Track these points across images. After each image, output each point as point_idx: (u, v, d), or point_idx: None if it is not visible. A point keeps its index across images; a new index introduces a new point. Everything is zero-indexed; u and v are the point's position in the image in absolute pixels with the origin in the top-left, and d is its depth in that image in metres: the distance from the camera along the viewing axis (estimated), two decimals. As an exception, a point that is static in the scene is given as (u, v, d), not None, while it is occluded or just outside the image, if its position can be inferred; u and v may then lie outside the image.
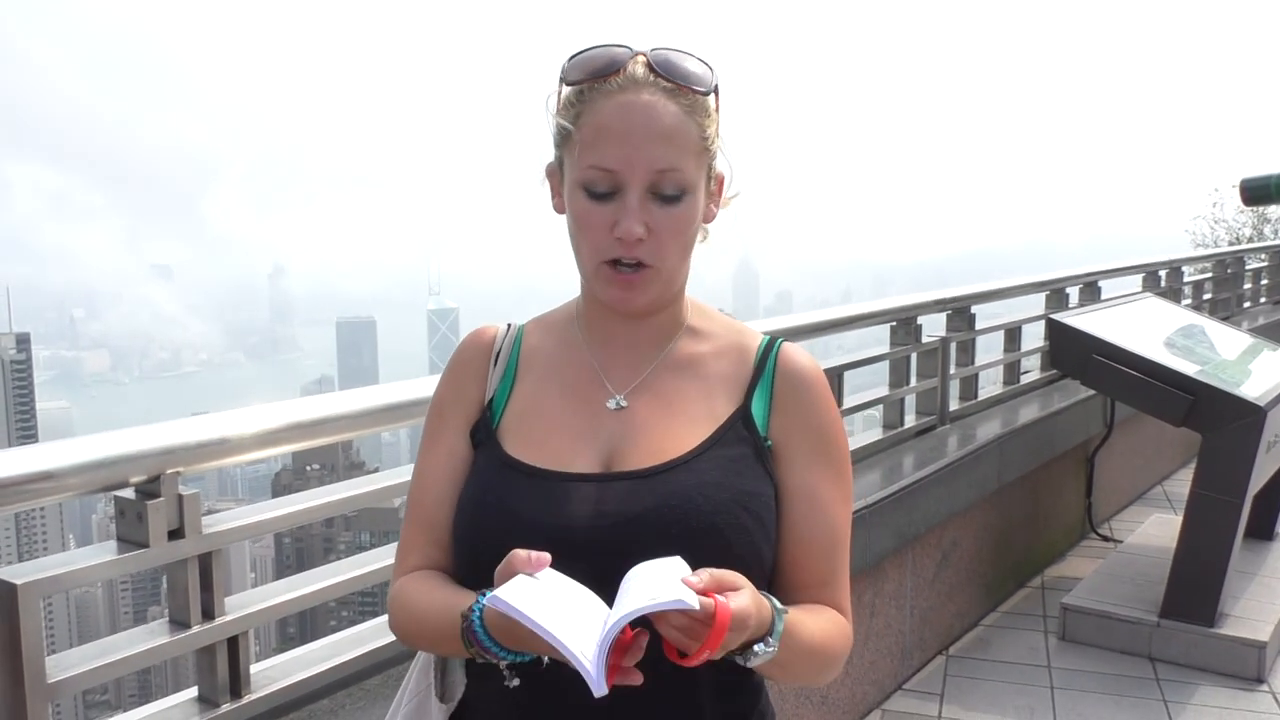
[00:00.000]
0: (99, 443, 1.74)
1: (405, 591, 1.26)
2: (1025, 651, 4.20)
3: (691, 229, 1.23)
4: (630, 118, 1.18)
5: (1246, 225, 17.33)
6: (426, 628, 1.19)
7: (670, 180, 1.18)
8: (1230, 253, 9.28)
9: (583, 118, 1.20)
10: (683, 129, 1.19)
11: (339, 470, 72.38)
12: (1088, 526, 5.60)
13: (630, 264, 1.20)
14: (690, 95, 1.20)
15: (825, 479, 1.26)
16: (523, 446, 1.24)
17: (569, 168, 1.22)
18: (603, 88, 1.19)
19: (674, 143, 1.18)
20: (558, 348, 1.33)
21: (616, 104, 1.18)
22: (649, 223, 1.18)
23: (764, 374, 1.29)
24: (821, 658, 1.21)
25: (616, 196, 1.18)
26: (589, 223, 1.20)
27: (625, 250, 1.19)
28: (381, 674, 2.13)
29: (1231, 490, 4.01)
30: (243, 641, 1.92)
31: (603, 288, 1.23)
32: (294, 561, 79.78)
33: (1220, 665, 3.95)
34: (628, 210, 1.17)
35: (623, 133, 1.17)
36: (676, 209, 1.20)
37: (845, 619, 1.27)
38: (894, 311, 4.29)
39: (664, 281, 1.23)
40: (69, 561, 1.71)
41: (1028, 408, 5.08)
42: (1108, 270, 6.52)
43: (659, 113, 1.18)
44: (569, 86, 1.22)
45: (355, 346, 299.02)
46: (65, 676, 1.67)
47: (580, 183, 1.20)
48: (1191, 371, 4.22)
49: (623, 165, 1.17)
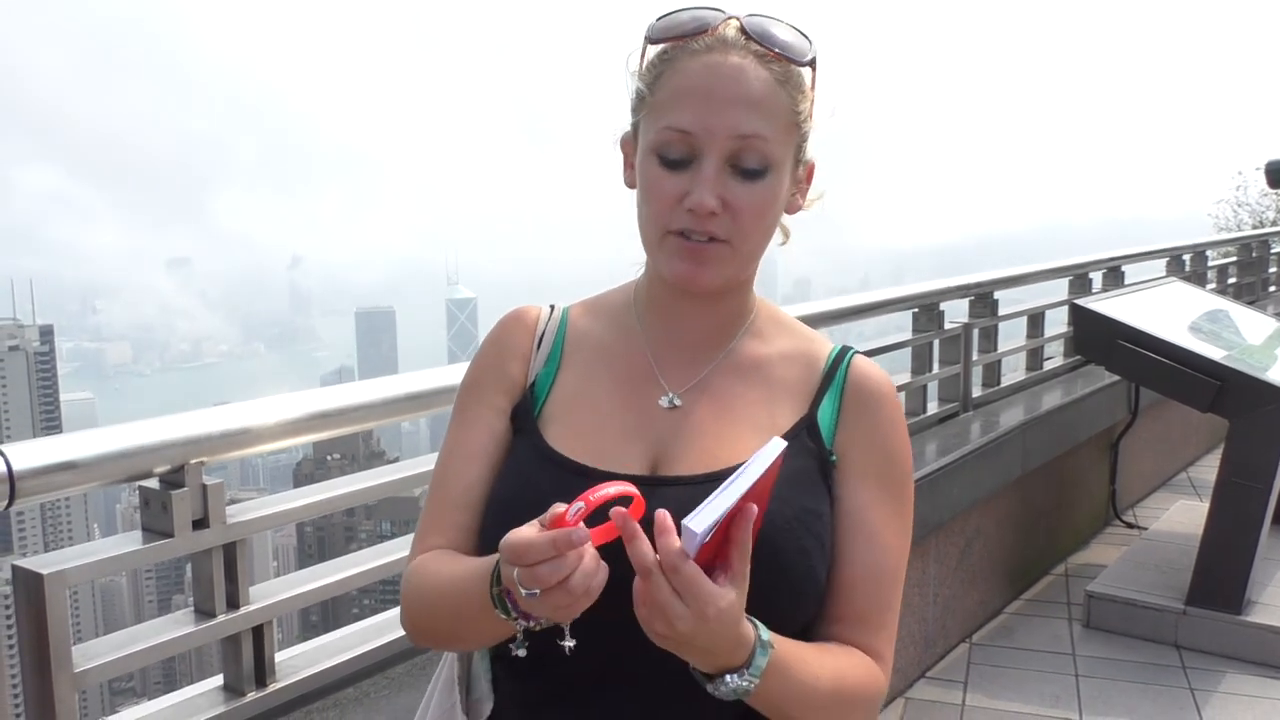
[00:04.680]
0: (123, 433, 1.75)
1: (424, 565, 1.14)
2: (1049, 639, 4.17)
3: (772, 212, 1.10)
4: (714, 78, 1.06)
5: (1270, 208, 17.13)
6: (447, 596, 1.07)
7: (753, 150, 1.06)
8: (1255, 236, 9.19)
9: (662, 79, 1.09)
10: (772, 97, 1.07)
11: (360, 459, 72.82)
12: (1112, 513, 5.55)
13: (700, 238, 1.07)
14: (784, 64, 1.08)
15: (884, 505, 1.14)
16: (566, 439, 1.14)
17: (644, 133, 1.11)
18: (688, 47, 1.08)
19: (761, 110, 1.06)
20: (609, 334, 1.21)
21: (701, 64, 1.07)
22: (725, 198, 1.06)
23: (833, 383, 1.18)
24: (828, 707, 1.05)
25: (692, 165, 1.06)
26: (658, 191, 1.08)
27: (695, 224, 1.06)
28: (407, 662, 2.14)
29: (1259, 476, 3.96)
30: (267, 630, 1.93)
31: (667, 260, 1.10)
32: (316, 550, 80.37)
33: (1247, 653, 3.91)
34: (702, 179, 1.05)
35: (705, 93, 1.06)
36: (758, 186, 1.07)
37: (877, 664, 1.11)
38: (916, 298, 4.27)
39: (738, 262, 1.10)
40: (95, 551, 1.72)
41: (1051, 394, 5.04)
42: (1131, 255, 6.47)
43: (747, 76, 1.06)
44: (652, 46, 1.11)
45: (374, 337, 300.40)
46: (92, 665, 1.68)
47: (653, 147, 1.08)
48: (1218, 356, 4.17)
49: (700, 128, 1.05)
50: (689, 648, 0.93)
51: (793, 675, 1.01)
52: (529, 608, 0.93)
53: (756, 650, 0.96)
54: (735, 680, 0.96)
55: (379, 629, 2.15)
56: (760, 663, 0.96)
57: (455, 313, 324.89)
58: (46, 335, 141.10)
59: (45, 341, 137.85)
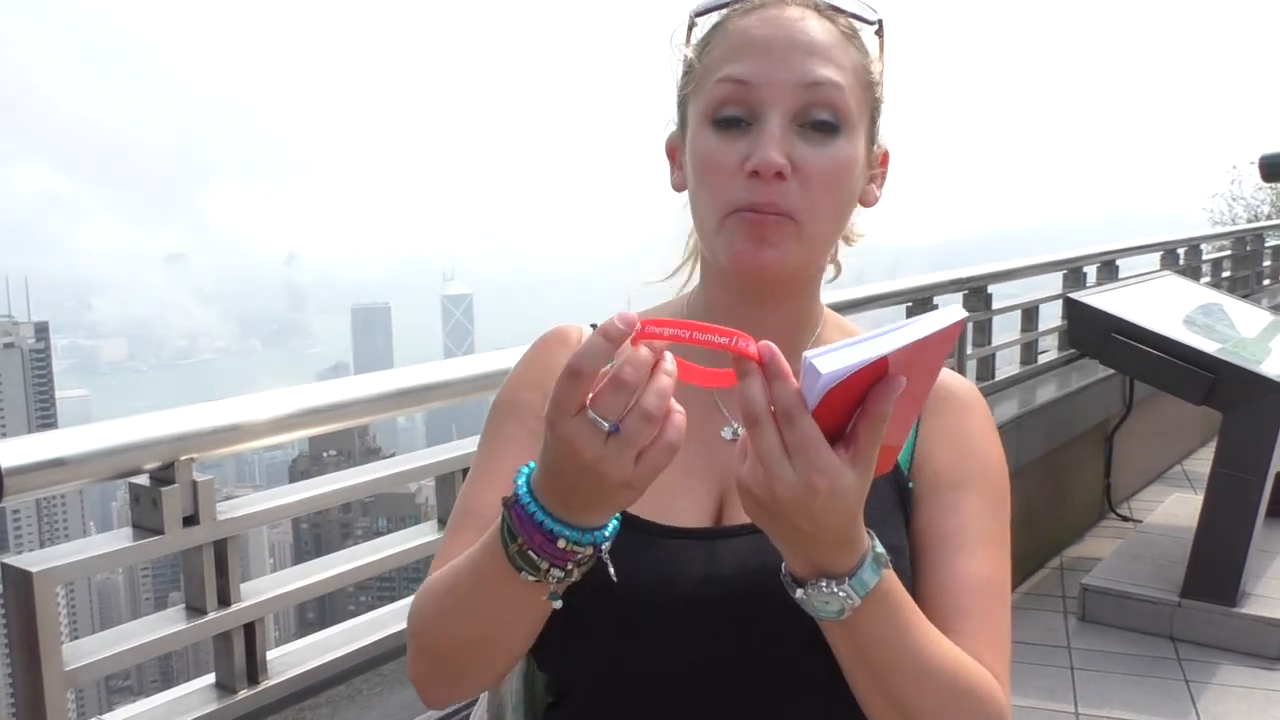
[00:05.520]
0: (113, 429, 1.74)
1: (432, 576, 0.96)
2: (1045, 632, 4.17)
3: (848, 182, 0.94)
4: (773, 27, 0.92)
5: (1265, 203, 17.17)
6: (460, 571, 0.88)
7: (823, 100, 0.90)
8: (1249, 230, 9.20)
9: (712, 44, 0.95)
10: (840, 47, 0.93)
11: (355, 456, 72.86)
12: (1107, 506, 5.56)
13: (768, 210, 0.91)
14: (848, 20, 0.95)
15: (969, 510, 0.97)
16: None
17: (693, 109, 0.96)
18: (741, 8, 0.95)
19: (829, 57, 0.91)
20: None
21: (757, 17, 0.93)
22: (794, 158, 0.90)
23: None
24: (941, 687, 0.84)
25: (753, 127, 0.91)
26: (714, 160, 0.92)
27: (759, 195, 0.89)
28: (399, 659, 2.13)
29: (1253, 469, 3.97)
30: (259, 627, 1.92)
31: (728, 242, 0.93)
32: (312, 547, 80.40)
33: (1242, 645, 3.92)
34: (767, 136, 0.89)
35: (764, 41, 0.91)
36: (831, 146, 0.91)
37: (994, 680, 0.89)
38: (910, 292, 4.26)
39: (806, 243, 0.93)
40: (84, 549, 1.71)
41: (1045, 388, 5.05)
42: (1125, 249, 6.47)
43: (809, 25, 0.92)
44: (700, 21, 0.98)
45: (370, 333, 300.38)
46: (83, 663, 1.67)
47: (707, 109, 0.93)
48: (1212, 350, 4.17)
49: (761, 77, 0.90)
50: (786, 527, 0.76)
51: (904, 618, 0.82)
52: (599, 462, 0.73)
53: (868, 562, 0.79)
54: (834, 589, 0.78)
55: (371, 626, 2.14)
56: (868, 579, 0.78)
57: (451, 308, 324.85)
58: (42, 332, 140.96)
59: (40, 338, 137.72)
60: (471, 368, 2.28)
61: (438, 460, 2.22)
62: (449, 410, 3.02)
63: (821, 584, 0.78)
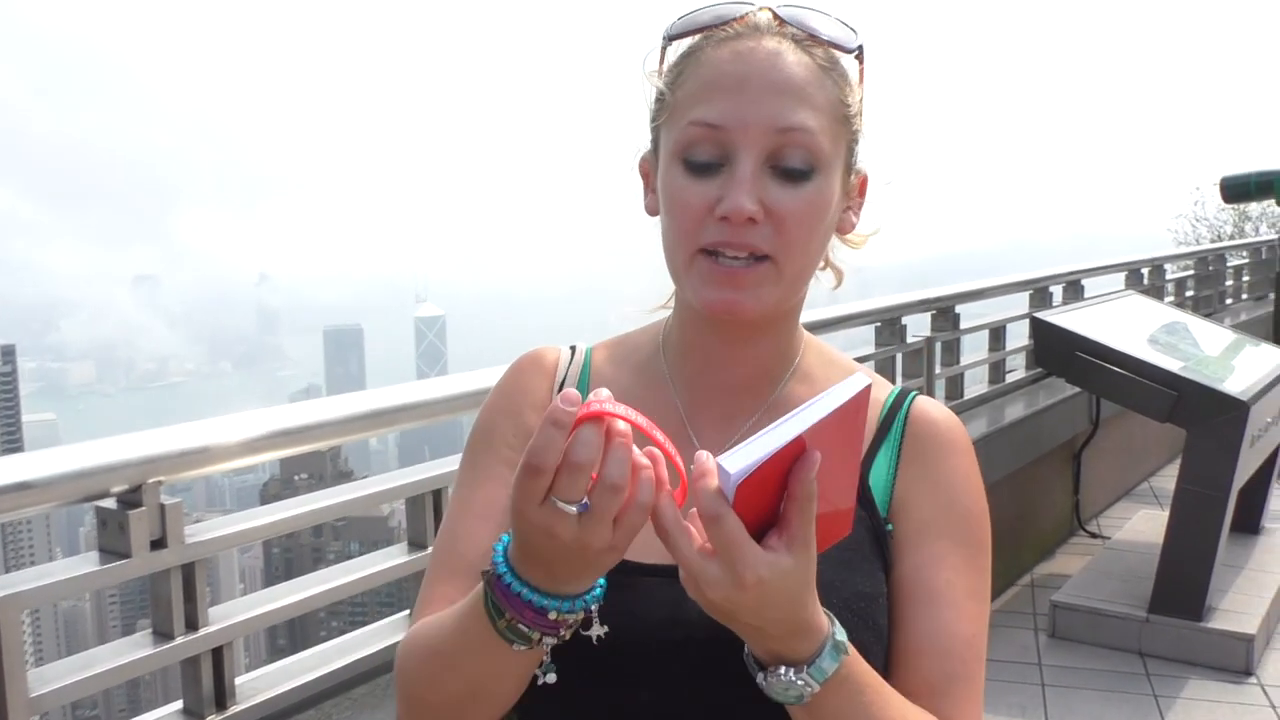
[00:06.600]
0: (79, 452, 1.73)
1: (419, 626, 0.94)
2: (1016, 650, 4.20)
3: (823, 221, 0.92)
4: (747, 64, 0.89)
5: (1228, 223, 17.44)
6: (445, 633, 0.87)
7: (797, 145, 0.88)
8: (1212, 250, 9.35)
9: (685, 74, 0.93)
10: (815, 84, 0.90)
11: (327, 479, 72.20)
12: (1075, 523, 5.61)
13: (738, 257, 0.89)
14: (826, 51, 0.93)
15: (953, 563, 0.95)
16: None
17: (665, 141, 0.94)
18: (714, 37, 0.93)
19: (803, 98, 0.89)
20: (635, 384, 1.02)
21: (730, 50, 0.91)
22: (766, 202, 0.88)
23: (890, 432, 1.00)
24: None
25: (724, 169, 0.89)
26: (684, 201, 0.90)
27: (731, 235, 0.88)
28: (369, 682, 2.12)
29: (1217, 485, 4.03)
30: (227, 652, 1.90)
31: (698, 287, 0.91)
32: (283, 572, 79.44)
33: (1209, 659, 3.97)
34: (737, 181, 0.87)
35: (736, 80, 0.89)
36: (804, 189, 0.89)
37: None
38: (878, 312, 4.30)
39: (783, 285, 0.92)
40: (49, 573, 1.70)
41: (1013, 406, 5.10)
42: (1090, 269, 6.55)
43: (784, 61, 0.90)
44: (673, 46, 0.96)
45: (342, 355, 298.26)
46: (48, 689, 1.65)
47: (677, 150, 0.91)
48: (1175, 368, 4.24)
49: (733, 121, 0.88)
50: (733, 623, 0.77)
51: (867, 698, 0.81)
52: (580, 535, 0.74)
53: (826, 650, 0.78)
54: (791, 676, 0.77)
55: (341, 650, 2.12)
56: (826, 666, 0.78)
57: (424, 330, 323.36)
58: (8, 355, 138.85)
59: (7, 361, 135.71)
60: (442, 388, 2.28)
61: (410, 481, 2.22)
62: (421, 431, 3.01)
63: (779, 671, 0.78)
